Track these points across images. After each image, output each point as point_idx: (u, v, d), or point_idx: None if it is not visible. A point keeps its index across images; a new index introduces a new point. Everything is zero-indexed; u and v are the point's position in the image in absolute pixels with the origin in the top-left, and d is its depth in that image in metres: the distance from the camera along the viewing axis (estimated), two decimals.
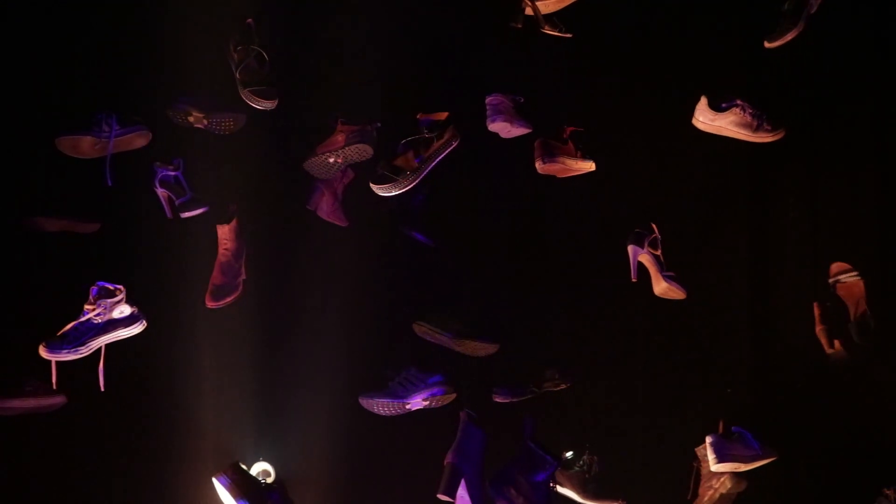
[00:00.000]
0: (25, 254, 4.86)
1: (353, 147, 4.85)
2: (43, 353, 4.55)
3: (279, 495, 4.77)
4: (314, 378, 5.07)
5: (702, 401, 5.14)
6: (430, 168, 4.76)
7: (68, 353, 4.58)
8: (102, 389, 4.65)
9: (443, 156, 4.78)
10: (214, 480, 4.75)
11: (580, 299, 5.20)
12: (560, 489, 5.00)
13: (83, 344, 4.60)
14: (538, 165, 4.95)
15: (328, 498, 5.07)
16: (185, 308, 4.97)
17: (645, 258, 5.03)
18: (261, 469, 5.01)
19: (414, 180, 4.73)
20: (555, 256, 5.18)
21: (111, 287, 4.61)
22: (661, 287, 5.03)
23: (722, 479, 4.97)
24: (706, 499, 5.00)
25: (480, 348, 5.02)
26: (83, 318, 4.58)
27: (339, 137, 4.86)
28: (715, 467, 4.93)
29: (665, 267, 5.01)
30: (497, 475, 4.74)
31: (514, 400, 5.03)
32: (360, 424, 5.02)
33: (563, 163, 4.95)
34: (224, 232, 4.93)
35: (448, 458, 4.73)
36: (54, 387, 4.64)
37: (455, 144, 4.79)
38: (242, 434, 5.02)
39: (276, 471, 5.01)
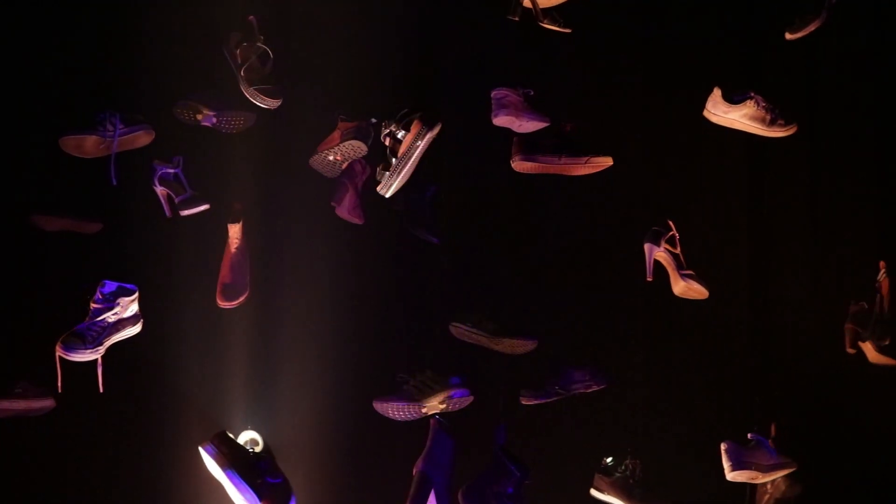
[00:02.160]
0: (26, 253, 4.87)
1: (347, 143, 4.81)
2: (64, 354, 4.47)
3: (267, 464, 4.63)
4: (304, 350, 5.04)
5: (745, 401, 5.02)
6: (409, 163, 4.53)
7: (91, 352, 4.54)
8: (101, 391, 4.61)
9: (422, 146, 4.54)
10: (201, 450, 4.61)
11: (605, 299, 5.11)
12: (603, 496, 4.88)
13: (101, 343, 4.56)
14: (511, 163, 4.84)
15: (316, 466, 4.99)
16: (186, 305, 4.98)
17: (661, 256, 4.90)
18: (248, 438, 4.90)
19: (393, 178, 4.54)
20: (564, 254, 5.11)
21: (128, 287, 4.60)
22: (679, 286, 4.89)
23: (776, 483, 4.82)
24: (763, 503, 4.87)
25: (519, 346, 4.92)
26: (100, 318, 4.55)
27: (336, 134, 4.85)
28: (730, 476, 4.77)
29: (684, 265, 4.88)
30: (469, 486, 4.67)
31: (542, 401, 4.91)
32: (349, 394, 4.99)
33: (539, 160, 4.81)
34: (235, 231, 4.90)
35: (418, 466, 4.66)
36: (59, 389, 4.56)
37: (431, 132, 4.56)
38: (230, 403, 4.97)
39: (264, 440, 4.91)
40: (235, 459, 4.59)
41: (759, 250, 5.09)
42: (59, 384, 4.55)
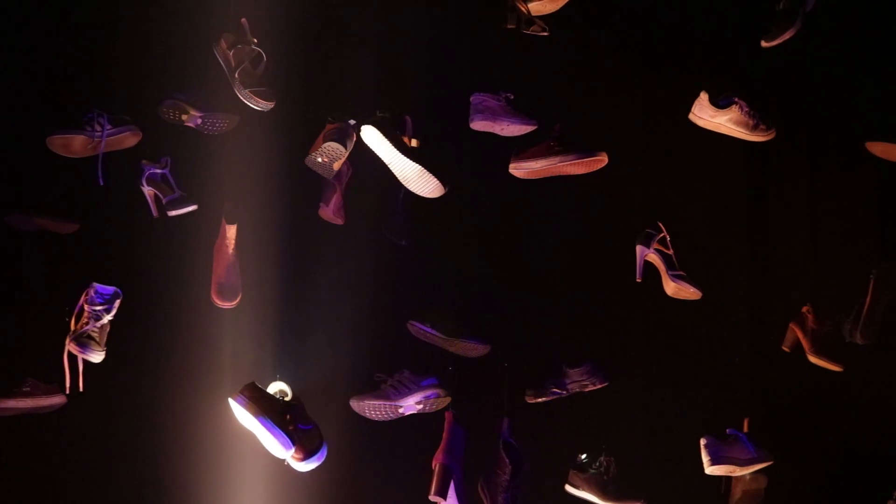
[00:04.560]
0: (16, 253, 4.89)
1: (326, 145, 4.77)
2: (81, 353, 4.62)
3: (298, 411, 4.67)
4: (330, 304, 5.08)
5: (715, 398, 5.06)
6: (392, 166, 4.80)
7: (103, 352, 4.69)
8: (80, 390, 4.70)
9: (378, 150, 4.77)
10: (231, 401, 4.64)
11: (591, 299, 5.12)
12: (577, 492, 4.91)
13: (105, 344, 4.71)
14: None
15: (346, 415, 4.97)
16: (179, 307, 5.01)
17: (653, 258, 4.92)
18: (277, 389, 4.90)
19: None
20: (564, 255, 5.13)
21: (118, 290, 4.72)
22: (670, 287, 4.90)
23: (742, 476, 4.87)
24: (738, 494, 4.92)
25: (471, 349, 4.91)
26: (100, 320, 4.65)
27: (321, 137, 4.81)
28: (709, 470, 4.82)
29: (676, 266, 4.90)
30: (485, 477, 4.79)
31: (545, 399, 4.95)
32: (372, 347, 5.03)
33: (522, 167, 4.87)
34: (232, 231, 4.89)
35: (440, 459, 4.74)
36: (68, 390, 4.69)
37: (369, 138, 4.75)
38: (258, 357, 4.99)
39: (292, 390, 4.92)
40: (266, 407, 4.64)
41: (758, 251, 5.09)
42: (68, 384, 4.67)
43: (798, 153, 5.00)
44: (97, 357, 4.66)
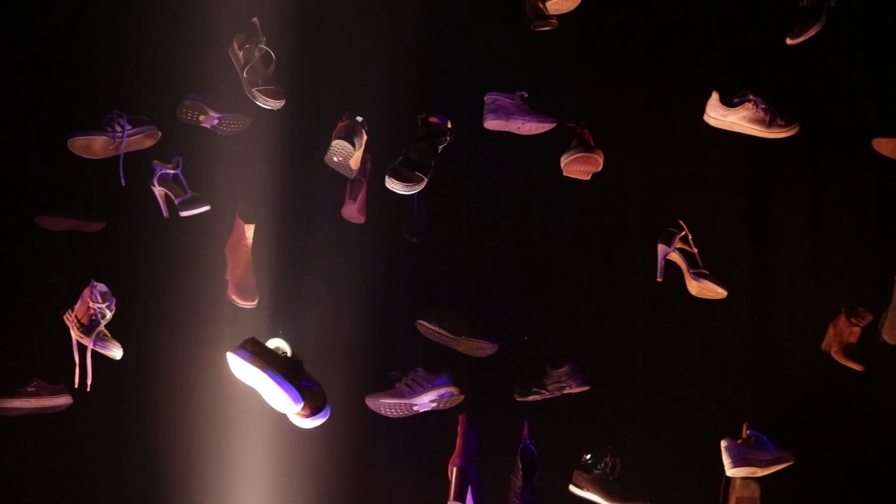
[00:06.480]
0: (30, 252, 4.95)
1: (335, 143, 4.75)
2: (101, 349, 4.65)
3: (301, 368, 4.54)
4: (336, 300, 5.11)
5: (721, 400, 5.04)
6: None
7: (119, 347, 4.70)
8: (88, 389, 4.70)
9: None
10: (231, 355, 4.45)
11: (598, 299, 5.11)
12: (582, 493, 4.88)
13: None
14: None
15: (347, 374, 5.03)
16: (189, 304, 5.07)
17: (675, 257, 4.86)
18: (275, 346, 4.72)
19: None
20: (571, 254, 5.13)
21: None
22: (693, 287, 4.85)
23: (734, 482, 4.83)
24: (732, 502, 4.87)
25: (479, 348, 4.90)
26: (108, 318, 4.68)
27: (333, 135, 4.79)
28: (730, 472, 4.77)
29: (699, 265, 4.85)
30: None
31: (529, 399, 4.93)
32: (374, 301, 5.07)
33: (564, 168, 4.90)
34: (251, 230, 4.91)
35: (457, 463, 4.76)
36: (88, 388, 4.69)
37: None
38: (256, 313, 4.96)
39: (291, 347, 4.84)
40: (273, 361, 4.49)
41: (759, 251, 5.06)
42: (89, 382, 4.68)
43: (799, 152, 4.96)
44: (119, 353, 4.67)
